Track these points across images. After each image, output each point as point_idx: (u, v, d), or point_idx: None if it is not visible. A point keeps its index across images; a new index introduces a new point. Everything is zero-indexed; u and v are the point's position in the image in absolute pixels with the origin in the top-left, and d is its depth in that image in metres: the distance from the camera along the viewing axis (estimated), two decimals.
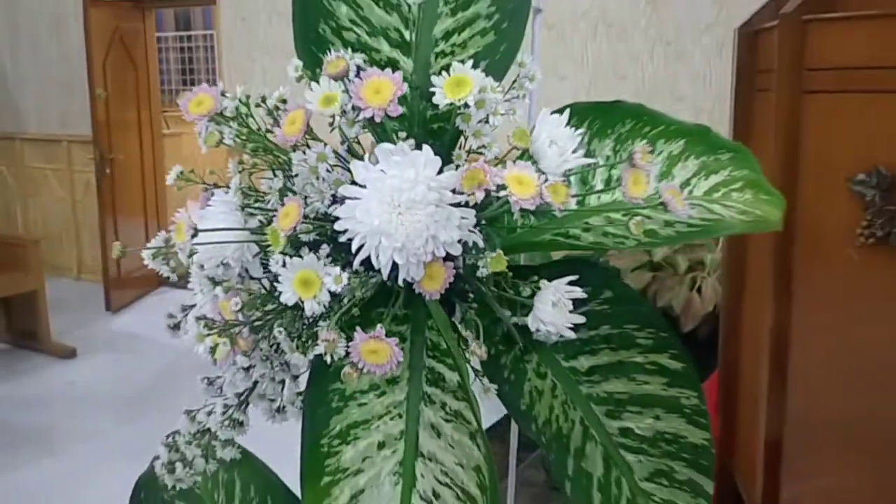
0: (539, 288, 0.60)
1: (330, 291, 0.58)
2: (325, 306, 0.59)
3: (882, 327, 1.32)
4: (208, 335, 0.59)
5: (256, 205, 0.66)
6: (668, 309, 3.42)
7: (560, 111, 0.66)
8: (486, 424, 0.65)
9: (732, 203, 0.75)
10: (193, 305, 0.72)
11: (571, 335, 0.61)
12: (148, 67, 5.96)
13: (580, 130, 0.73)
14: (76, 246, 6.34)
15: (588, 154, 0.74)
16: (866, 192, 1.29)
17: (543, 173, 0.55)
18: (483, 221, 0.63)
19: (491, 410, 0.74)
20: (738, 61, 1.68)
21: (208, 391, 0.72)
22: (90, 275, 6.24)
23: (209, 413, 0.70)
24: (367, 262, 0.58)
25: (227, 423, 0.69)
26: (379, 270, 0.58)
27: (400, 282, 0.58)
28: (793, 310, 1.44)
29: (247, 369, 0.68)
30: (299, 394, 0.70)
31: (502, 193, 0.55)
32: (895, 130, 1.27)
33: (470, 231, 0.56)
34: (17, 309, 4.67)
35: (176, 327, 0.75)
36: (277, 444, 0.99)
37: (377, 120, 0.56)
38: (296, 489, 0.81)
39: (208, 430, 0.69)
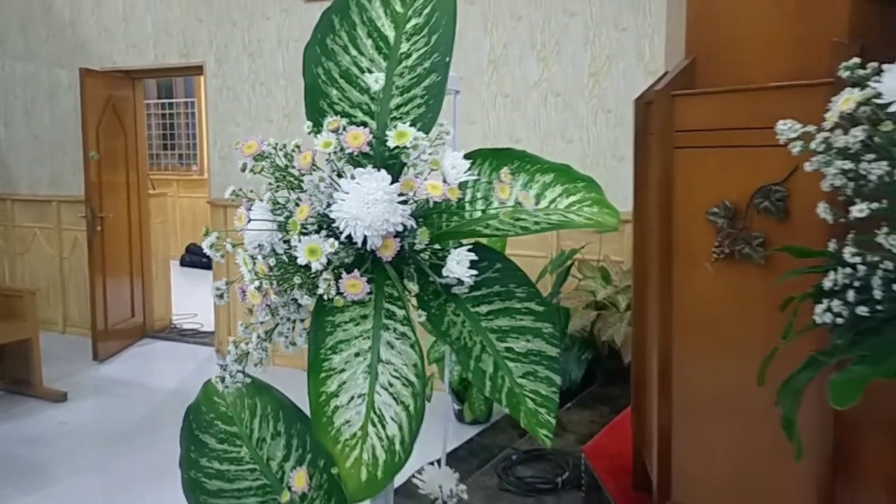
0: (449, 253, 1.02)
1: (327, 257, 1.00)
2: (323, 265, 1.00)
3: (732, 322, 1.75)
4: (255, 279, 0.99)
5: (279, 209, 1.08)
6: (611, 343, 3.83)
7: (469, 154, 1.09)
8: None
9: (583, 213, 1.17)
10: (233, 282, 1.13)
11: (470, 281, 1.02)
12: (136, 133, 6.40)
13: (486, 165, 1.17)
14: (62, 301, 6.65)
15: (489, 181, 1.17)
16: (717, 220, 1.74)
17: (447, 183, 0.97)
18: (420, 219, 1.06)
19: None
20: (635, 126, 2.15)
21: (245, 332, 1.12)
22: (75, 328, 6.55)
23: (247, 343, 1.10)
24: (348, 238, 1.00)
25: (259, 348, 1.09)
26: (356, 242, 0.99)
27: (368, 248, 1.00)
28: (673, 312, 1.87)
29: (273, 313, 1.09)
30: (305, 329, 1.10)
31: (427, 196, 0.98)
32: (735, 174, 1.72)
33: (408, 218, 0.98)
34: (11, 356, 4.96)
35: (221, 297, 1.15)
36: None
37: (355, 154, 0.99)
38: (301, 407, 1.21)
39: (247, 353, 1.09)
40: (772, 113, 1.63)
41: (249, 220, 1.02)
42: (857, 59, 1.23)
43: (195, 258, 10.24)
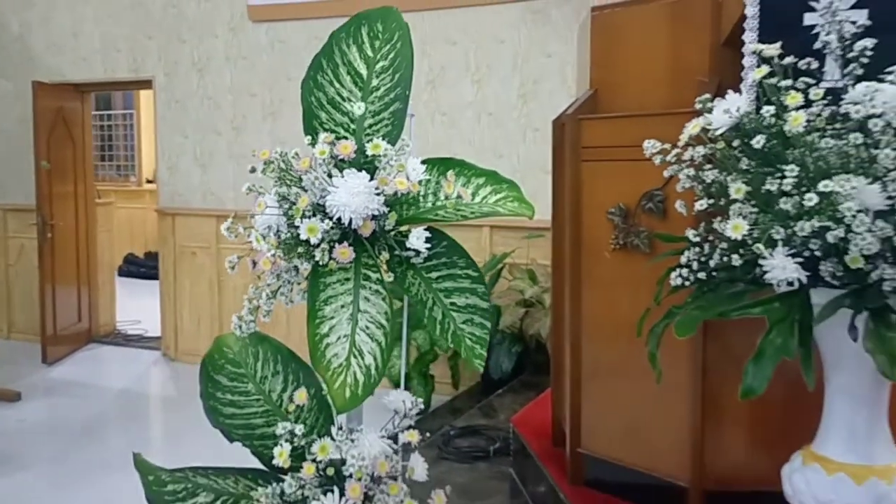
0: (410, 231, 1.42)
1: (322, 234, 1.38)
2: (319, 240, 1.39)
3: (626, 299, 2.20)
4: (268, 248, 1.37)
5: (282, 201, 1.46)
6: (537, 337, 4.28)
7: (424, 161, 1.50)
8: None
9: (507, 206, 1.59)
10: (242, 257, 1.51)
11: (425, 252, 1.43)
12: (84, 144, 6.60)
13: (435, 169, 1.58)
14: (7, 307, 6.76)
15: (438, 181, 1.57)
16: (614, 219, 2.19)
17: (410, 180, 1.38)
18: (391, 207, 1.46)
19: None
20: (553, 143, 2.60)
21: (256, 292, 1.49)
22: (20, 334, 6.66)
23: (258, 299, 1.47)
24: (338, 220, 1.39)
25: (267, 303, 1.46)
26: (343, 223, 1.39)
27: (351, 227, 1.39)
28: (582, 294, 2.31)
29: (277, 278, 1.47)
30: (302, 290, 1.48)
31: (396, 190, 1.38)
32: (627, 182, 2.17)
33: (381, 206, 1.38)
34: None
35: (233, 268, 1.53)
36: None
37: (344, 159, 1.38)
38: (296, 353, 1.59)
39: (258, 306, 1.47)
40: (654, 134, 2.08)
41: (266, 207, 1.40)
42: (708, 95, 1.68)
43: (133, 268, 10.35)
